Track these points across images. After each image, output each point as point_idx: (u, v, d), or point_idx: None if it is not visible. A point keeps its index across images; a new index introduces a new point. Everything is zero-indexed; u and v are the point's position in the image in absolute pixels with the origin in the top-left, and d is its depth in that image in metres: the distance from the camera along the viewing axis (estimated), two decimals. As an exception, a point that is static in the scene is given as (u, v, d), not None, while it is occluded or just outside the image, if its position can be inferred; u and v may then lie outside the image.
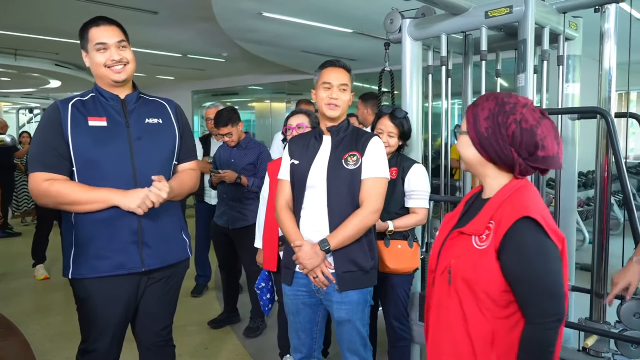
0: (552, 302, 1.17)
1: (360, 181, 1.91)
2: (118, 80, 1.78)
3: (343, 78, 1.95)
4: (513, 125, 1.20)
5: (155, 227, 1.83)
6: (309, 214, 1.95)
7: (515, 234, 1.18)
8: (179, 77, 12.04)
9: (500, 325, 1.22)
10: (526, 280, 1.17)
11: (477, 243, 1.25)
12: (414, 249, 2.35)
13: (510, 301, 1.22)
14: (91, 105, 1.80)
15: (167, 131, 1.91)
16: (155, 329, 1.96)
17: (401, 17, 2.62)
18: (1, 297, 4.22)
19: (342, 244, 1.88)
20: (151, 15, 5.76)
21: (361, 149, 1.93)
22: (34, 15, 6.16)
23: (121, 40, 1.79)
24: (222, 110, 3.40)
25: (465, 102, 2.89)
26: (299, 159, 2.00)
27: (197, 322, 3.67)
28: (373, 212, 1.91)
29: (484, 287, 1.22)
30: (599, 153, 2.31)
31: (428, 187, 2.38)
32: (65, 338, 3.35)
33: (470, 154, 1.30)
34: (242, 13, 5.56)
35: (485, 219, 1.25)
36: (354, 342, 1.98)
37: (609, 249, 2.27)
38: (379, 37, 2.79)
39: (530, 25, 2.16)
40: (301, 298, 2.01)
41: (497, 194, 1.28)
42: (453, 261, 1.28)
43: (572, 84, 2.51)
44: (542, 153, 1.20)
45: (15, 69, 9.69)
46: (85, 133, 1.74)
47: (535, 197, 1.27)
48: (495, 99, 1.25)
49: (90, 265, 1.76)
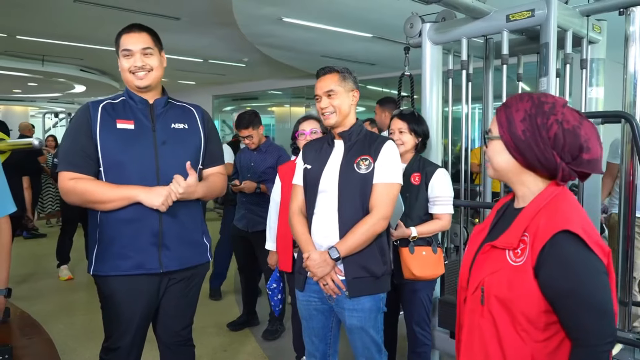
0: (606, 321, 1.05)
1: (372, 186, 1.88)
2: (140, 86, 1.84)
3: (327, 84, 1.90)
4: (555, 126, 1.09)
5: (177, 229, 1.86)
6: (320, 219, 1.93)
7: (554, 250, 1.06)
8: (200, 82, 12.19)
9: (539, 349, 1.10)
10: (572, 301, 1.06)
11: (511, 259, 1.13)
12: (438, 255, 2.32)
13: (550, 323, 1.10)
14: (121, 108, 1.85)
15: (192, 136, 1.95)
16: (175, 329, 1.99)
17: (421, 21, 2.61)
18: (27, 296, 4.32)
19: (352, 251, 1.85)
20: (173, 21, 5.86)
21: (374, 153, 1.89)
22: (61, 22, 6.32)
23: (146, 47, 1.83)
24: (243, 113, 3.45)
25: (487, 107, 2.86)
26: (311, 163, 1.99)
27: (216, 325, 3.71)
28: (383, 218, 1.86)
29: (520, 307, 1.10)
30: (623, 158, 2.27)
31: (451, 192, 2.36)
32: (88, 337, 3.41)
33: (504, 160, 1.17)
34: (262, 18, 5.61)
35: (519, 231, 1.13)
36: (368, 349, 1.96)
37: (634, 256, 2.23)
38: (399, 41, 2.79)
39: (553, 29, 2.14)
40: (313, 304, 2.00)
41: (531, 202, 1.15)
42: (486, 279, 1.16)
43: (595, 88, 2.48)
44: (587, 156, 1.09)
45: (42, 74, 9.95)
46: (113, 135, 1.80)
47: (574, 205, 1.15)
48: (531, 99, 1.13)
49: (113, 263, 1.81)
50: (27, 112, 15.63)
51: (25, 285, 4.65)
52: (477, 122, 6.41)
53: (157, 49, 1.87)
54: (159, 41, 1.90)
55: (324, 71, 1.94)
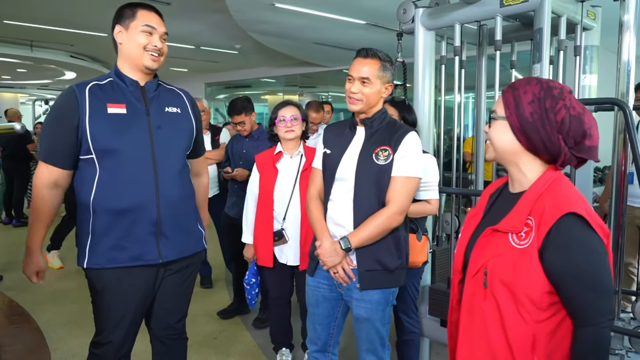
0: (605, 300, 1.10)
1: (390, 178, 1.82)
2: (150, 67, 1.77)
3: (365, 71, 1.81)
4: (563, 111, 1.12)
5: (174, 217, 1.82)
6: (335, 207, 1.89)
7: (561, 232, 1.09)
8: (192, 70, 12.08)
9: (541, 329, 1.14)
10: (576, 280, 1.10)
11: (515, 242, 1.15)
12: (423, 242, 2.31)
13: (552, 303, 1.13)
14: (109, 90, 1.75)
15: (185, 122, 1.90)
16: (170, 322, 1.96)
17: (414, 6, 2.57)
18: (15, 285, 4.27)
19: (364, 243, 1.81)
20: (164, 6, 5.77)
21: (394, 144, 1.82)
22: (50, 6, 6.21)
23: (166, 32, 1.81)
24: (236, 99, 3.41)
25: (480, 94, 2.84)
26: (331, 148, 1.93)
27: (206, 313, 3.69)
28: (399, 213, 1.81)
29: (525, 289, 1.13)
30: (616, 147, 2.26)
31: (437, 177, 2.35)
32: (77, 326, 3.39)
33: (506, 140, 1.19)
34: (255, 4, 5.54)
35: (523, 214, 1.15)
36: (372, 341, 1.94)
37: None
38: (393, 29, 2.75)
39: (547, 14, 2.11)
40: (322, 291, 1.98)
41: (532, 186, 1.18)
42: (489, 262, 1.17)
43: (589, 75, 2.45)
44: (588, 142, 1.13)
45: (31, 60, 9.81)
46: (104, 121, 1.70)
47: (574, 189, 1.18)
48: (540, 83, 1.16)
49: (108, 255, 1.74)
50: (17, 99, 15.46)
51: (13, 274, 4.61)
52: (470, 111, 6.40)
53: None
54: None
55: (367, 54, 1.83)
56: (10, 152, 6.63)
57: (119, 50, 1.80)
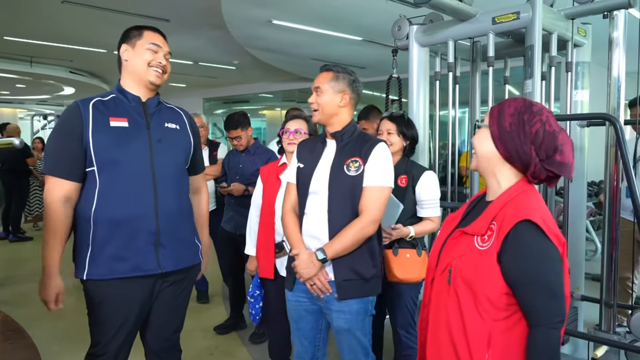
0: (555, 303, 1.17)
1: (362, 189, 1.85)
2: (154, 82, 1.85)
3: (318, 80, 1.92)
4: (538, 125, 1.22)
5: (172, 228, 1.85)
6: (310, 220, 1.92)
7: (515, 237, 1.18)
8: (190, 85, 12.16)
9: (497, 327, 1.22)
10: (528, 283, 1.18)
11: (478, 244, 1.24)
12: (423, 258, 2.31)
13: (509, 304, 1.21)
14: (112, 105, 1.81)
15: (183, 138, 1.95)
16: (165, 334, 1.96)
17: (409, 23, 2.62)
18: (10, 300, 4.25)
19: (339, 253, 1.83)
20: (163, 23, 5.84)
21: (364, 155, 1.86)
22: (49, 23, 6.27)
23: (169, 52, 1.91)
24: (233, 114, 3.44)
25: (473, 109, 2.87)
26: (304, 162, 1.98)
27: (203, 328, 3.67)
28: (372, 222, 1.84)
29: (483, 288, 1.21)
30: (608, 162, 2.28)
31: (439, 194, 2.36)
32: (72, 341, 3.36)
33: (487, 148, 1.30)
34: (252, 21, 5.61)
35: (488, 219, 1.25)
36: (355, 352, 1.94)
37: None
38: (388, 44, 2.80)
39: (538, 32, 2.15)
40: (303, 305, 1.99)
41: (501, 195, 1.28)
42: (454, 261, 1.27)
43: (581, 91, 2.49)
44: (559, 158, 1.22)
45: (30, 76, 9.86)
46: (106, 133, 1.75)
47: (538, 200, 1.27)
48: (524, 100, 1.28)
49: (108, 266, 1.75)
50: (16, 114, 15.50)
51: (8, 289, 4.58)
52: (466, 126, 6.44)
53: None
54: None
55: (322, 69, 1.96)
56: (10, 167, 6.64)
57: (124, 67, 1.87)
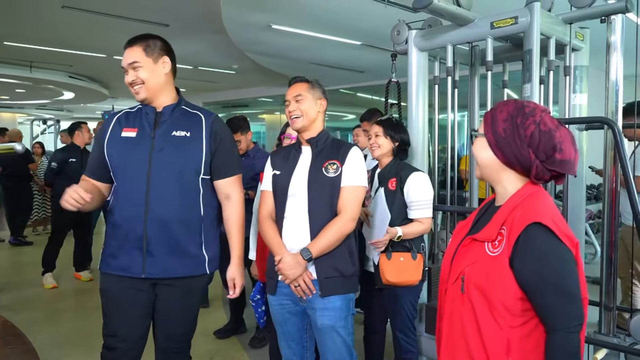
0: (572, 305, 1.14)
1: (340, 189, 1.95)
2: (138, 99, 1.92)
3: (296, 90, 2.00)
4: (532, 127, 1.20)
5: (165, 237, 1.85)
6: (290, 222, 1.98)
7: (526, 240, 1.15)
8: (190, 89, 12.17)
9: (515, 333, 1.18)
10: (543, 287, 1.15)
11: (489, 250, 1.22)
12: (418, 261, 2.30)
13: (525, 309, 1.18)
14: (132, 117, 1.96)
15: (193, 145, 1.90)
16: (172, 333, 1.99)
17: (408, 28, 2.64)
18: (10, 305, 4.25)
19: (323, 251, 1.91)
20: (162, 28, 5.86)
21: (341, 158, 1.97)
22: (49, 28, 6.29)
23: (132, 62, 1.85)
24: (232, 118, 3.45)
25: (472, 113, 2.89)
26: (280, 169, 2.04)
27: (203, 332, 3.66)
28: (351, 220, 1.94)
29: (497, 294, 1.18)
30: (606, 165, 2.29)
31: (429, 194, 2.33)
32: (73, 346, 3.36)
33: (486, 156, 1.28)
34: (252, 25, 5.63)
35: (498, 224, 1.23)
36: (340, 351, 1.97)
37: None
38: (388, 49, 2.81)
39: (536, 36, 2.16)
40: (287, 307, 2.02)
41: (509, 199, 1.25)
42: (466, 269, 1.25)
43: (579, 95, 2.51)
44: (559, 156, 1.19)
45: (30, 81, 9.87)
46: (116, 143, 1.92)
47: (548, 202, 1.24)
48: (515, 103, 1.26)
49: (106, 262, 1.93)
50: (15, 119, 15.48)
51: (8, 294, 4.58)
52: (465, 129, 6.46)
53: (149, 58, 1.85)
54: (157, 47, 1.88)
55: (295, 80, 2.06)
56: (11, 171, 6.64)
57: None
